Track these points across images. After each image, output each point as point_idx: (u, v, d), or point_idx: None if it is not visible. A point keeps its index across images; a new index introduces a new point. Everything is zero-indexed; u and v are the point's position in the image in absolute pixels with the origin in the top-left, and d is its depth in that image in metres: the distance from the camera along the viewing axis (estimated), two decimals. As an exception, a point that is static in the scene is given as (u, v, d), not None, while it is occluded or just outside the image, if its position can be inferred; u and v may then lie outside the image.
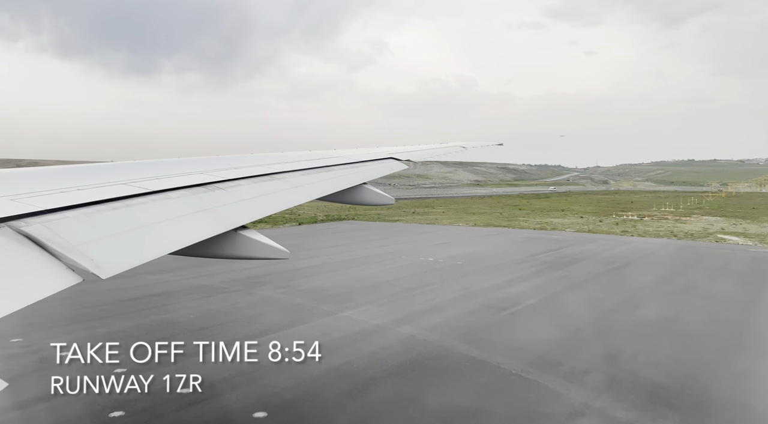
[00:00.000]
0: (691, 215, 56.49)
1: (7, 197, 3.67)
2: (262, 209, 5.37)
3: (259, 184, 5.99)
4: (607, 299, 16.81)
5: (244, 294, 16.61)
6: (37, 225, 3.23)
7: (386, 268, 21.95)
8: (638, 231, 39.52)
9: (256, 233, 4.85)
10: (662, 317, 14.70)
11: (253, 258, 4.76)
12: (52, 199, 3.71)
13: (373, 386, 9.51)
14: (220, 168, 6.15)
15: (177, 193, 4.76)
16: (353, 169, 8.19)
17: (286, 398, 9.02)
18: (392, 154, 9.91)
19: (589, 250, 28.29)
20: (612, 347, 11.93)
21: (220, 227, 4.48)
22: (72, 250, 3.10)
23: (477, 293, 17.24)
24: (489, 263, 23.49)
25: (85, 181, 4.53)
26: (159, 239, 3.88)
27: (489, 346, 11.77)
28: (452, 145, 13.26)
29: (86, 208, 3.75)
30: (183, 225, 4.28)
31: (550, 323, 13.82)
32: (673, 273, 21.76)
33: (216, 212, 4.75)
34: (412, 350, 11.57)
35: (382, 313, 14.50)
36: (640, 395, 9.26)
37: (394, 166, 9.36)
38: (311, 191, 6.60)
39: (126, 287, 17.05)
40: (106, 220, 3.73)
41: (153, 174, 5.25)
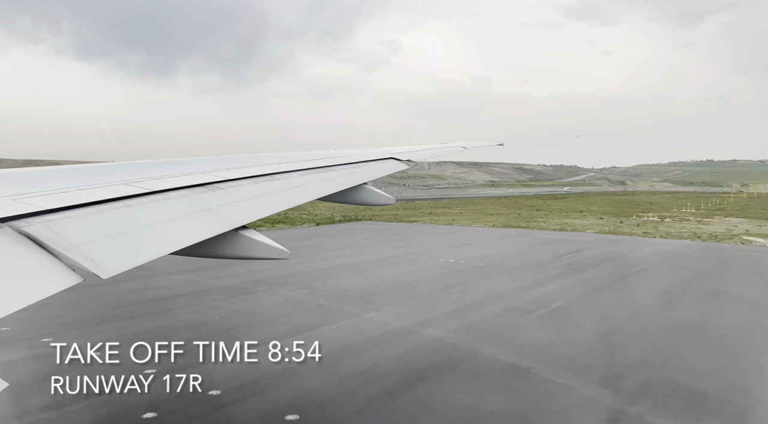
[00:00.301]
0: (714, 216, 55.55)
1: (7, 197, 3.67)
2: (262, 209, 5.37)
3: (259, 184, 6.00)
4: (635, 302, 16.52)
5: (268, 295, 16.61)
6: (38, 225, 3.23)
7: (407, 269, 21.83)
8: (660, 232, 38.93)
9: (257, 233, 4.84)
10: (693, 321, 14.40)
11: (254, 258, 4.75)
12: (52, 200, 3.71)
13: (404, 389, 9.41)
14: (220, 168, 6.17)
15: (178, 193, 4.77)
16: (354, 170, 8.19)
17: (317, 400, 8.95)
18: (393, 154, 9.91)
19: (612, 251, 27.90)
20: (644, 352, 11.69)
21: (221, 227, 4.48)
22: (72, 250, 3.10)
23: (501, 295, 17.05)
24: (511, 264, 23.26)
25: (85, 182, 4.54)
26: (160, 239, 3.88)
27: (518, 349, 11.60)
28: (452, 146, 13.22)
29: (87, 209, 3.75)
30: (184, 225, 4.29)
31: (578, 327, 13.61)
32: (700, 276, 21.35)
33: (216, 212, 4.76)
34: (439, 352, 11.45)
35: (407, 315, 14.39)
36: (678, 402, 9.04)
37: (394, 167, 9.36)
38: (312, 191, 6.62)
39: (150, 287, 17.15)
40: (106, 220, 3.73)
41: (154, 174, 5.26)
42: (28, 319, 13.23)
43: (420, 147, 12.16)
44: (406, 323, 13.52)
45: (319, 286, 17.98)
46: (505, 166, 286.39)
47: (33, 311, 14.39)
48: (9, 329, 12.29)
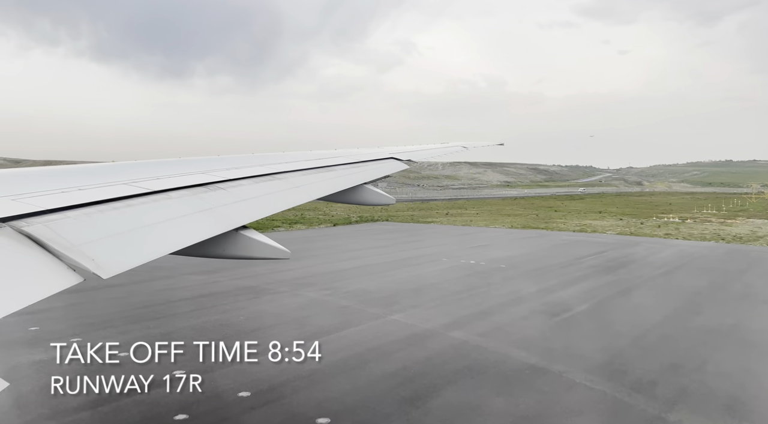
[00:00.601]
0: (736, 218, 54.59)
1: (8, 197, 3.66)
2: (262, 209, 5.35)
3: (260, 184, 5.99)
4: (663, 305, 16.21)
5: (291, 295, 16.58)
6: (39, 225, 3.22)
7: (428, 270, 21.70)
8: (682, 234, 38.32)
9: (257, 233, 4.82)
10: (724, 324, 14.08)
11: (254, 258, 4.73)
12: (53, 200, 3.71)
13: (434, 393, 9.28)
14: (221, 168, 6.16)
15: (178, 193, 4.76)
16: (354, 169, 8.17)
17: (347, 403, 8.86)
18: (393, 154, 9.88)
19: (634, 253, 27.50)
20: (676, 356, 11.44)
21: (221, 227, 4.47)
22: (73, 250, 3.07)
23: (525, 297, 16.84)
24: (533, 266, 23.00)
25: (86, 182, 4.54)
26: (160, 239, 3.87)
27: (547, 353, 11.42)
28: (453, 145, 13.18)
29: (87, 208, 3.75)
30: (184, 225, 4.28)
31: (606, 330, 13.37)
32: (727, 278, 20.92)
33: (217, 212, 4.75)
34: (467, 356, 11.31)
35: (431, 317, 14.26)
36: (717, 409, 8.81)
37: (395, 167, 9.33)
38: (312, 191, 6.60)
39: (174, 288, 17.24)
40: (107, 220, 3.72)
41: (154, 174, 5.26)
42: (56, 319, 13.35)
43: (420, 147, 12.18)
44: (431, 326, 13.40)
45: (341, 287, 17.92)
46: (519, 167, 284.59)
47: (61, 310, 14.48)
48: (38, 328, 12.40)
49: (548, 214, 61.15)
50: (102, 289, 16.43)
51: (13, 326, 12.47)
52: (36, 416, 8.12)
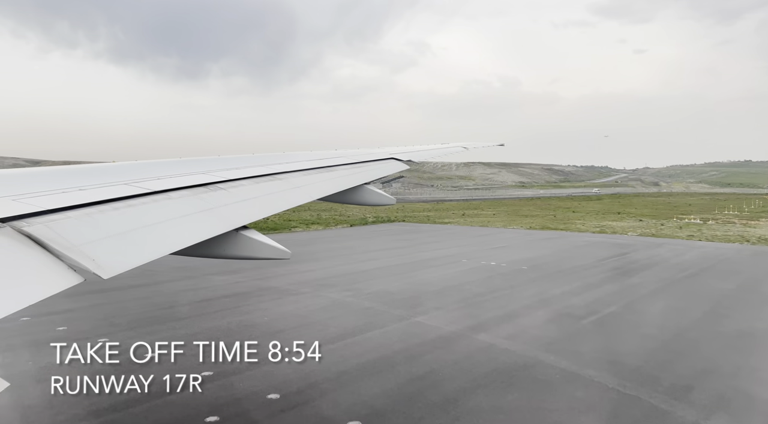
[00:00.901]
0: (759, 219, 53.59)
1: (8, 197, 3.66)
2: (263, 209, 5.34)
3: (260, 184, 5.97)
4: (691, 308, 15.90)
5: (313, 297, 16.55)
6: (39, 225, 3.21)
7: (449, 272, 21.55)
8: (705, 235, 37.68)
9: (257, 233, 4.80)
10: (756, 328, 13.76)
11: (255, 258, 4.72)
12: (53, 200, 3.70)
13: (464, 397, 9.16)
14: (221, 168, 6.15)
15: (178, 193, 4.77)
16: (354, 170, 8.15)
17: (377, 407, 8.77)
18: (393, 154, 9.86)
19: (657, 255, 27.07)
20: (709, 361, 11.19)
21: (222, 227, 4.46)
22: (73, 250, 3.06)
23: (550, 299, 16.63)
24: (555, 268, 22.74)
25: (86, 182, 4.55)
26: (161, 239, 3.86)
27: (576, 357, 11.23)
28: (453, 146, 13.13)
29: (88, 209, 3.74)
30: (184, 225, 4.28)
31: (636, 334, 13.13)
32: (756, 281, 20.49)
33: (217, 212, 4.75)
34: (495, 359, 11.16)
35: (455, 319, 14.12)
36: (758, 418, 8.58)
37: (395, 167, 9.31)
38: (312, 191, 6.59)
39: (197, 288, 17.30)
40: (107, 220, 3.71)
41: (154, 174, 5.25)
42: (83, 319, 13.45)
43: (421, 147, 12.16)
44: (457, 328, 13.26)
45: (362, 288, 17.85)
46: (534, 167, 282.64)
47: (86, 310, 14.57)
48: (66, 328, 12.50)
49: (566, 214, 60.58)
50: (126, 289, 16.55)
51: (42, 326, 12.58)
52: (70, 416, 8.15)
